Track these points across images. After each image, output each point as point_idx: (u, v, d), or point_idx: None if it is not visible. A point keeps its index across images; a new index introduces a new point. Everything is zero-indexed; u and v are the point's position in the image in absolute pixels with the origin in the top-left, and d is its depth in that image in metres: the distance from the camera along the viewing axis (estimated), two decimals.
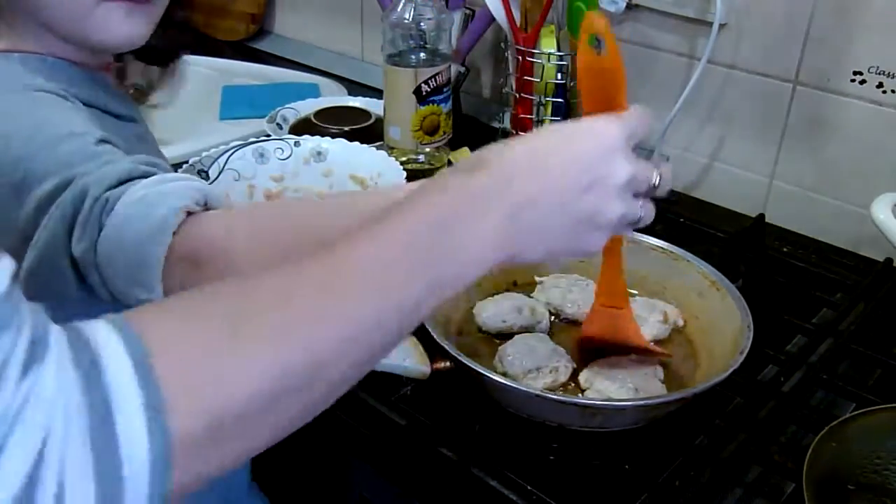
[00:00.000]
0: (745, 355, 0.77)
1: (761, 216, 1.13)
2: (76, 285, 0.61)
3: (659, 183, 0.59)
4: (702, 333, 0.87)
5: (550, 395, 0.74)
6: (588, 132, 0.55)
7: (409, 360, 0.77)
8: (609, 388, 0.78)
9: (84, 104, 0.69)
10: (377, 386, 0.81)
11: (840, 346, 0.89)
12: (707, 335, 0.85)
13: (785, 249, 1.10)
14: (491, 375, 0.75)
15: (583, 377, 0.81)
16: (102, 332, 0.40)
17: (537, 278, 0.94)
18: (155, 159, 0.64)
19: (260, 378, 0.42)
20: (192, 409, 0.39)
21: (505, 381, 0.75)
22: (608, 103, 0.60)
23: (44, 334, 0.37)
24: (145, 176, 0.61)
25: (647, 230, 1.07)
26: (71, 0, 0.68)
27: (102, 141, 0.64)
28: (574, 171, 0.53)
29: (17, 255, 0.59)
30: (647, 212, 0.59)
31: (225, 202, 0.63)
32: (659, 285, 0.93)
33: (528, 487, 0.72)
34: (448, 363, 0.78)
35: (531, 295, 0.92)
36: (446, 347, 0.76)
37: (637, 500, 0.72)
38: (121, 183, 0.60)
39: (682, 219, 1.14)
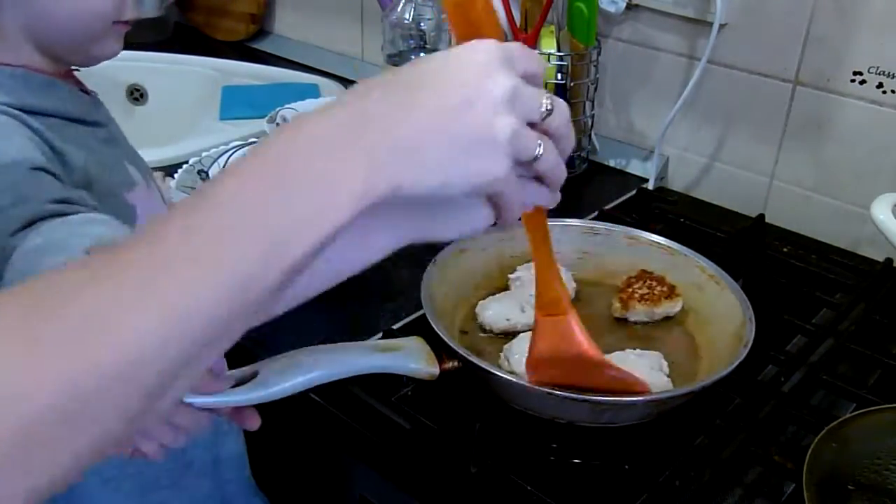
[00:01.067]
0: (749, 347, 0.77)
1: (761, 216, 1.13)
2: None
3: (552, 109, 0.49)
4: (702, 327, 0.87)
5: (563, 394, 0.73)
6: (460, 50, 0.48)
7: (417, 361, 0.77)
8: None
9: (41, 114, 0.69)
10: (377, 386, 0.81)
11: (840, 346, 0.89)
12: (708, 329, 0.85)
13: (785, 249, 1.10)
14: (503, 375, 0.75)
15: None
16: None
17: (509, 276, 0.94)
18: (73, 194, 0.63)
19: (52, 388, 0.38)
20: None
21: (517, 381, 0.75)
22: (479, 34, 0.52)
23: None
24: (55, 215, 0.60)
25: (647, 230, 1.07)
26: (86, 26, 0.70)
27: (38, 169, 0.63)
28: (447, 87, 0.47)
29: None
30: (546, 149, 0.50)
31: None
32: None
33: (528, 488, 0.72)
34: (456, 363, 0.78)
35: (532, 294, 0.92)
36: (454, 347, 0.76)
37: (637, 499, 0.72)
38: (27, 225, 0.59)
39: (682, 219, 1.14)
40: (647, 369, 0.79)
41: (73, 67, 0.77)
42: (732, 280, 0.86)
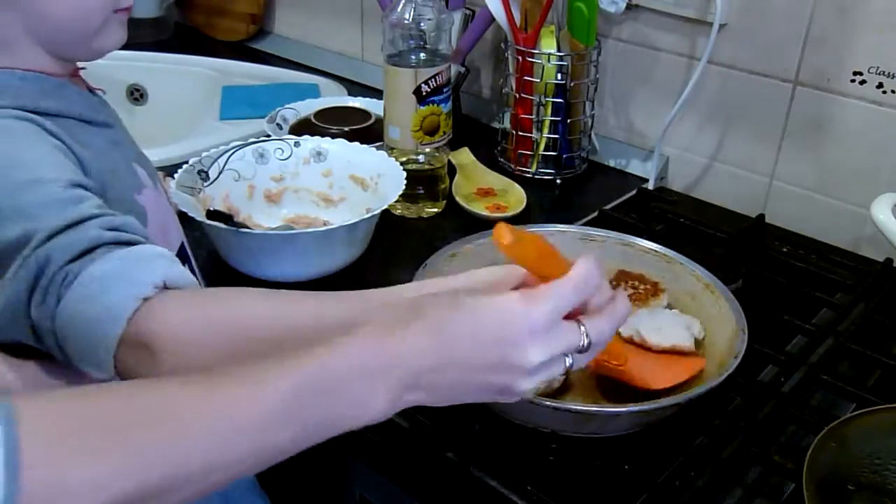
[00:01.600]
0: (739, 360, 0.76)
1: (761, 216, 1.13)
2: (33, 341, 0.61)
3: (588, 344, 0.55)
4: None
5: (543, 402, 0.73)
6: (500, 314, 0.53)
7: None
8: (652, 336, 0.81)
9: (56, 115, 0.69)
10: None
11: (840, 346, 0.89)
12: (702, 338, 0.85)
13: (785, 249, 1.10)
14: None
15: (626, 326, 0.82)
16: None
17: None
18: (124, 219, 0.64)
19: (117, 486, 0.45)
20: None
21: None
22: (549, 273, 0.56)
23: None
24: (113, 242, 0.61)
25: (647, 230, 1.07)
26: (86, 20, 0.70)
27: (74, 185, 0.63)
28: (478, 351, 0.53)
29: None
30: (576, 363, 0.56)
31: (185, 279, 0.62)
32: None
33: (528, 488, 0.72)
34: None
35: None
36: None
37: (637, 500, 0.72)
38: (85, 252, 0.59)
39: (682, 219, 1.14)
40: (681, 328, 0.83)
41: (80, 66, 0.77)
42: (727, 289, 0.86)
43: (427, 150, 1.16)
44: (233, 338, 0.60)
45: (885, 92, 1.05)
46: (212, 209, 1.01)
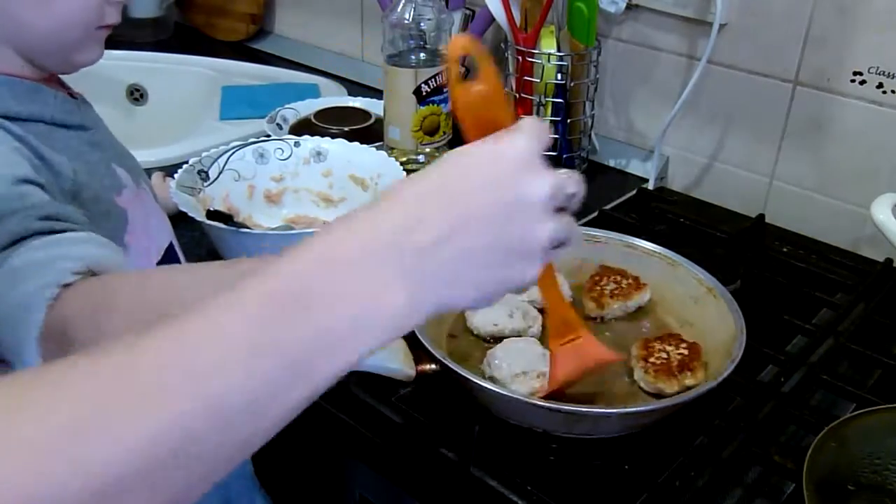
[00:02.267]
0: (735, 364, 0.76)
1: (761, 216, 1.13)
2: None
3: (577, 191, 0.51)
4: (696, 339, 0.86)
5: (533, 401, 0.73)
6: (492, 152, 0.48)
7: (394, 361, 0.77)
8: None
9: (27, 120, 0.68)
10: (376, 386, 0.81)
11: (840, 346, 0.89)
12: (702, 342, 0.84)
13: (785, 249, 1.10)
14: (474, 379, 0.74)
15: None
16: None
17: None
18: (62, 210, 0.62)
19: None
20: None
21: (487, 385, 0.74)
22: (495, 126, 0.51)
23: None
24: (45, 232, 0.59)
25: (647, 230, 1.07)
26: (68, 35, 0.69)
27: (22, 181, 0.62)
28: (488, 199, 0.47)
29: None
30: (573, 230, 0.51)
31: (113, 262, 0.59)
32: (657, 292, 0.93)
33: (528, 488, 0.72)
34: (434, 366, 0.78)
35: (523, 300, 0.92)
36: (431, 350, 0.76)
37: (637, 500, 0.72)
38: (13, 242, 0.58)
39: (682, 219, 1.14)
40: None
41: None
42: (729, 294, 0.86)
43: (427, 150, 1.16)
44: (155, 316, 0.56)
45: (885, 92, 1.05)
46: (212, 209, 1.01)
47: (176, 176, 0.99)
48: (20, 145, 0.65)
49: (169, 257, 0.80)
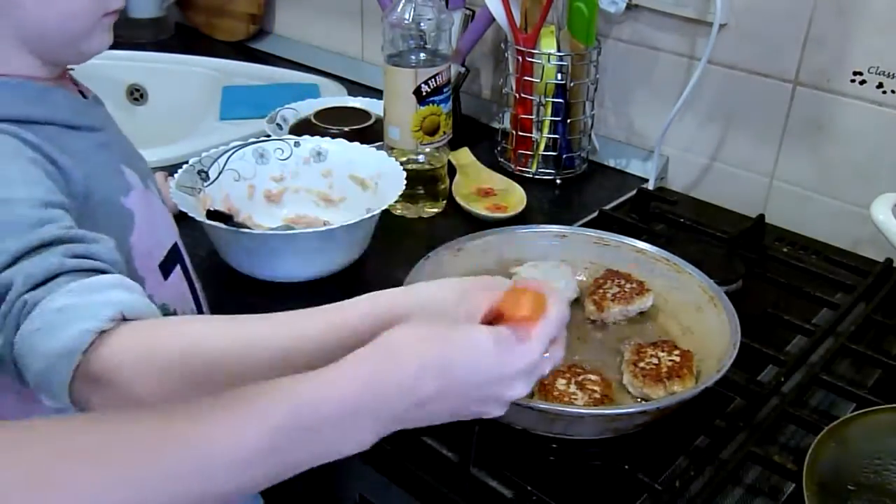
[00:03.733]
0: (722, 373, 0.76)
1: (761, 216, 1.13)
2: None
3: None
4: (695, 347, 0.86)
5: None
6: (502, 363, 0.55)
7: None
8: None
9: (39, 123, 0.68)
10: None
11: (840, 346, 0.89)
12: (700, 349, 0.84)
13: (785, 249, 1.10)
14: None
15: None
16: None
17: (511, 270, 0.94)
18: (88, 247, 0.62)
19: None
20: None
21: None
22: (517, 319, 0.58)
23: None
24: (76, 270, 0.60)
25: (647, 230, 1.07)
26: (76, 24, 0.69)
27: (45, 204, 0.62)
28: (479, 390, 0.55)
29: None
30: (546, 369, 0.60)
31: (143, 309, 0.61)
32: (661, 298, 0.92)
33: (528, 488, 0.72)
34: None
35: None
36: None
37: (637, 500, 0.72)
38: (48, 279, 0.59)
39: (682, 219, 1.13)
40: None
41: (69, 67, 0.77)
42: (730, 303, 0.85)
43: (427, 150, 1.16)
44: (188, 366, 0.58)
45: (885, 92, 1.05)
46: (212, 209, 1.01)
47: (176, 176, 0.99)
48: (35, 154, 0.65)
49: (173, 258, 0.80)
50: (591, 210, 1.16)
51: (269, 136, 1.15)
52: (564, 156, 1.25)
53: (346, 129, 1.26)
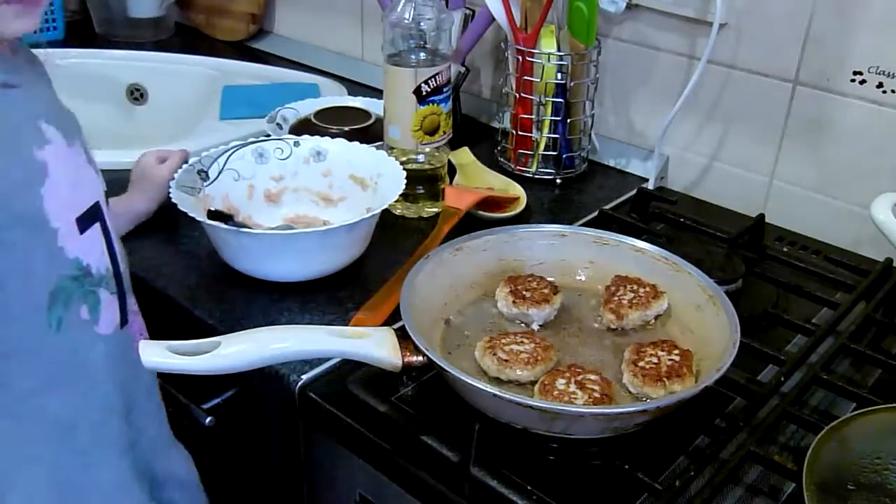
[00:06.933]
0: (721, 373, 0.75)
1: (761, 216, 1.13)
2: None
3: None
4: (694, 347, 0.85)
5: (507, 396, 0.72)
6: None
7: (381, 350, 0.77)
8: None
9: None
10: (377, 385, 0.81)
11: (840, 346, 0.89)
12: (699, 349, 0.84)
13: (785, 249, 1.10)
14: (454, 373, 0.74)
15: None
16: None
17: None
18: None
19: None
20: None
21: (461, 376, 0.73)
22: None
23: None
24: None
25: (647, 230, 1.07)
26: None
27: None
28: None
29: None
30: None
31: None
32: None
33: (529, 487, 0.72)
34: (420, 358, 0.77)
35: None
36: (416, 342, 0.76)
37: (637, 499, 0.72)
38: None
39: (682, 219, 1.13)
40: None
41: None
42: (730, 303, 0.85)
43: (427, 149, 1.16)
44: None
45: (885, 92, 1.05)
46: (212, 209, 1.01)
47: (176, 176, 0.99)
48: None
49: (91, 215, 0.79)
50: (591, 210, 1.16)
51: (268, 135, 1.15)
52: (564, 155, 1.25)
53: (346, 128, 1.26)
